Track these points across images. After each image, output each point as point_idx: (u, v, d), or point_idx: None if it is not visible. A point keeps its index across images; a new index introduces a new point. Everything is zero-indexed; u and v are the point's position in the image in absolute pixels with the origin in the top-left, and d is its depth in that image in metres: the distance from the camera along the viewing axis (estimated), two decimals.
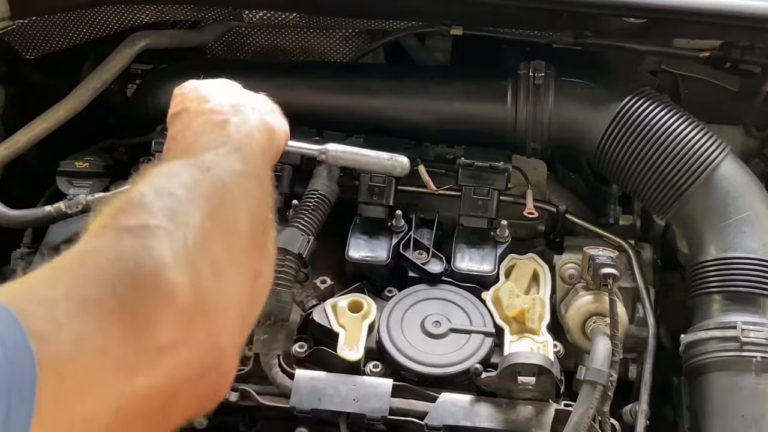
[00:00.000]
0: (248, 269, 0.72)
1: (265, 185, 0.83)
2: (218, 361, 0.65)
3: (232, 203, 0.74)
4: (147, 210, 0.67)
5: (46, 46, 1.53)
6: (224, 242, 0.70)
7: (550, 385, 1.16)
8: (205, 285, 0.64)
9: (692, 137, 1.34)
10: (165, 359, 0.59)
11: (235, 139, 0.85)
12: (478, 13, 1.48)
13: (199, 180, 0.73)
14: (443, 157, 1.48)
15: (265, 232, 0.79)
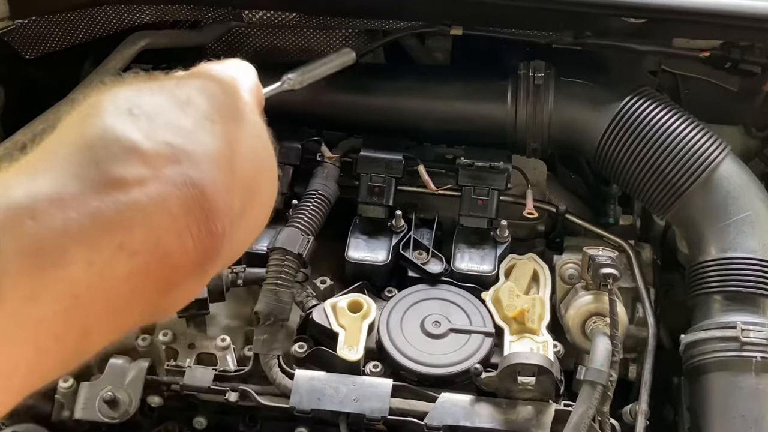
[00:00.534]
0: (222, 136, 0.61)
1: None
2: (200, 197, 0.55)
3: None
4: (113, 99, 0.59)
5: (46, 45, 1.53)
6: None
7: (550, 385, 1.16)
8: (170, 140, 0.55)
9: (692, 137, 1.34)
10: (134, 196, 0.52)
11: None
12: (478, 13, 1.48)
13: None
14: (443, 157, 1.48)
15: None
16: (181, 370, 1.22)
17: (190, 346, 1.27)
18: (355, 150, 1.44)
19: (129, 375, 1.19)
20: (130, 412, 1.17)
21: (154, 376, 1.21)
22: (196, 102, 0.62)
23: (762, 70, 1.48)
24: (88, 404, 1.17)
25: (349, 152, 1.45)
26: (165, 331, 1.27)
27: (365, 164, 1.41)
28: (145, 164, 0.53)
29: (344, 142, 1.47)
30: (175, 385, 1.21)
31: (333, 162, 1.41)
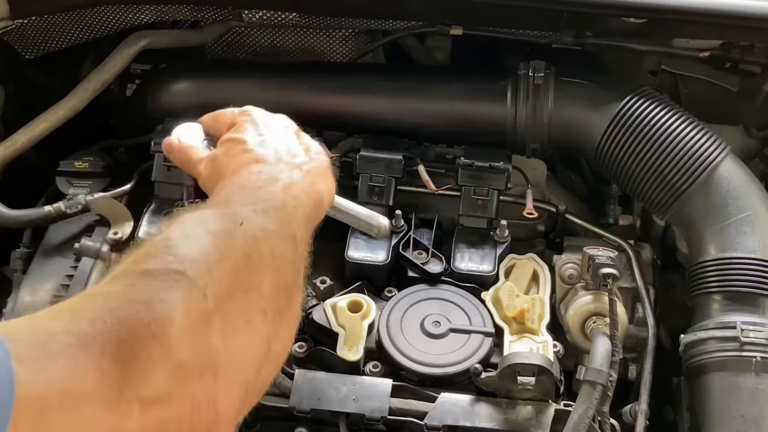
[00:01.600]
0: (263, 333, 0.68)
1: (300, 249, 0.79)
2: (212, 424, 0.62)
3: (259, 262, 0.71)
4: (171, 253, 0.65)
5: (46, 46, 1.53)
6: (243, 301, 0.67)
7: (549, 385, 1.16)
8: (212, 342, 0.62)
9: (692, 137, 1.34)
10: (155, 411, 0.57)
11: (278, 198, 0.81)
12: (478, 13, 1.48)
13: (230, 231, 0.70)
14: (443, 157, 1.48)
15: (290, 297, 0.75)
16: None
17: None
18: (355, 150, 1.44)
19: None
20: None
21: None
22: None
23: (762, 70, 1.48)
24: None
25: (349, 152, 1.45)
26: None
27: (365, 164, 1.41)
28: (174, 379, 0.59)
29: (344, 142, 1.47)
30: None
31: (333, 162, 1.41)
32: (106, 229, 1.37)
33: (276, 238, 0.74)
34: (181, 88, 1.56)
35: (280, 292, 0.72)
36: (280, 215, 0.78)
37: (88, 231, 1.38)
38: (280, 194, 0.82)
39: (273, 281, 0.71)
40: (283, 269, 0.74)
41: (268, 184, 0.83)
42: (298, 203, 0.83)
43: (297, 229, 0.79)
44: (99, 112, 1.58)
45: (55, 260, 1.34)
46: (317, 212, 0.90)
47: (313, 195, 0.88)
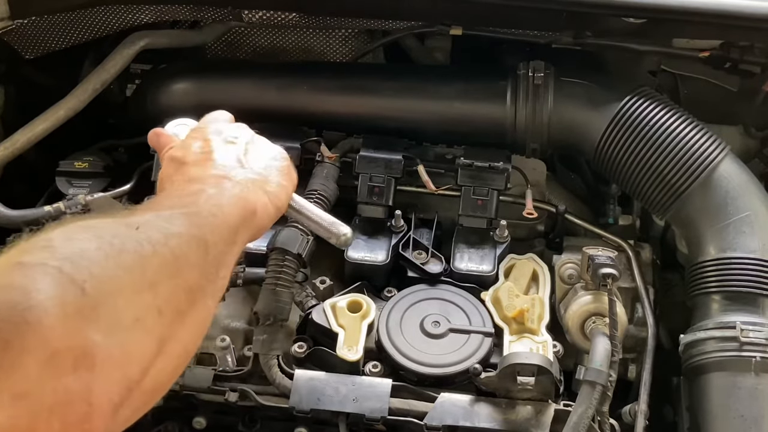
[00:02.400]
0: (155, 333, 0.67)
1: (211, 255, 0.78)
2: (85, 417, 0.60)
3: (154, 261, 0.70)
4: (50, 251, 0.63)
5: (46, 46, 1.53)
6: (133, 299, 0.66)
7: (549, 385, 1.16)
8: (90, 336, 0.60)
9: (691, 137, 1.34)
10: (25, 402, 0.57)
11: (195, 206, 0.82)
12: (478, 13, 1.48)
13: (120, 234, 0.69)
14: (443, 157, 1.48)
15: (193, 299, 0.73)
16: None
17: None
18: (355, 150, 1.44)
19: None
20: None
21: None
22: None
23: (762, 70, 1.48)
24: None
25: (348, 152, 1.45)
26: None
27: (365, 164, 1.41)
28: (46, 371, 0.58)
29: (344, 142, 1.47)
30: (174, 385, 1.21)
31: (333, 162, 1.41)
32: None
33: (179, 240, 0.74)
34: (181, 88, 1.56)
35: (180, 294, 0.71)
36: (191, 219, 0.78)
37: None
38: (200, 203, 0.83)
39: (172, 282, 0.70)
40: (186, 271, 0.73)
41: (191, 195, 0.85)
42: (218, 211, 0.83)
43: (210, 234, 0.79)
44: (99, 112, 1.58)
45: None
46: (249, 223, 0.89)
47: (241, 204, 0.88)
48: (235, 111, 1.50)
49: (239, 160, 0.96)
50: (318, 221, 1.07)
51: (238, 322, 1.31)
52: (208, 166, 0.93)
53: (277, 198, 0.97)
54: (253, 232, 0.91)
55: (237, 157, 0.96)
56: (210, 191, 0.86)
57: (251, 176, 0.94)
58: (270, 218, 0.95)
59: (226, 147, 0.98)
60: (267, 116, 1.49)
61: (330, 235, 1.07)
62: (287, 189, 1.00)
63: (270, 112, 1.50)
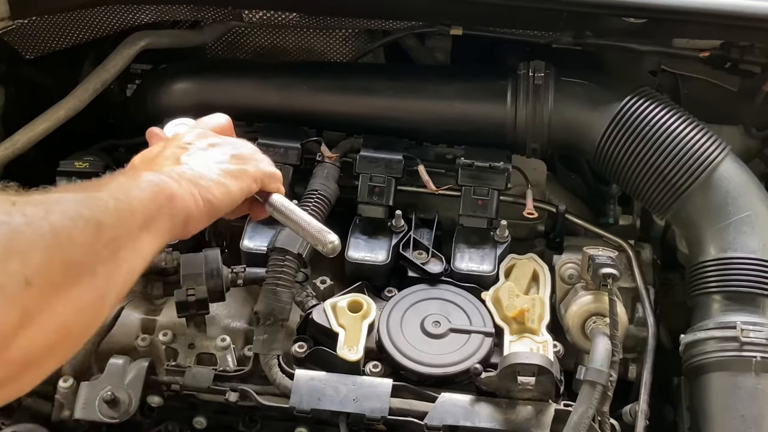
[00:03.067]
0: (19, 302, 0.67)
1: (109, 237, 0.77)
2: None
3: (28, 231, 0.69)
4: None
5: (46, 46, 1.53)
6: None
7: (549, 385, 1.16)
8: None
9: (692, 137, 1.34)
10: None
11: (96, 191, 0.81)
12: (478, 13, 1.48)
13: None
14: (443, 157, 1.48)
15: (71, 275, 0.73)
16: (181, 370, 1.22)
17: (190, 346, 1.27)
18: (355, 150, 1.44)
19: (129, 375, 1.19)
20: (130, 412, 1.17)
21: (154, 376, 1.21)
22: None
23: (762, 70, 1.48)
24: (88, 404, 1.17)
25: (349, 152, 1.45)
26: (165, 331, 1.27)
27: (365, 164, 1.41)
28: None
29: (344, 142, 1.47)
30: (175, 385, 1.21)
31: (333, 162, 1.41)
32: None
33: (61, 216, 0.73)
34: (181, 88, 1.56)
35: (56, 267, 0.71)
36: (82, 202, 0.77)
37: None
38: (104, 189, 0.82)
39: (45, 253, 0.70)
40: (65, 246, 0.72)
41: (102, 183, 0.85)
42: (122, 195, 0.82)
43: (105, 216, 0.78)
44: (99, 112, 1.58)
45: None
46: (166, 209, 0.88)
47: (153, 190, 0.87)
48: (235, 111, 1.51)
49: (177, 158, 0.98)
50: (306, 227, 1.06)
51: (239, 322, 1.31)
52: (145, 167, 0.95)
53: (209, 192, 0.96)
54: (177, 222, 0.90)
55: (177, 156, 0.98)
56: (122, 180, 0.86)
57: (180, 170, 0.94)
58: (200, 210, 0.94)
59: (174, 150, 1.00)
60: (267, 116, 1.50)
61: (317, 243, 1.06)
62: (228, 187, 0.99)
63: (270, 112, 1.50)
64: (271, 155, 1.41)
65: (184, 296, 1.22)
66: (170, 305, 1.30)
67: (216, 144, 1.05)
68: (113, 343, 1.28)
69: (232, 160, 1.03)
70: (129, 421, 1.18)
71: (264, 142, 1.42)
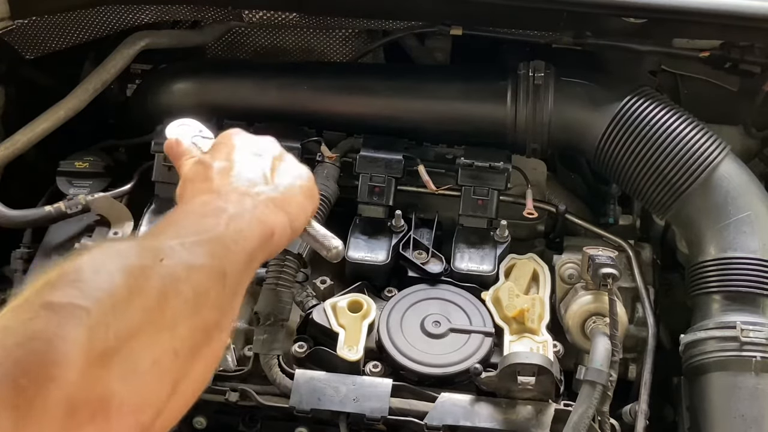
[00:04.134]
0: (170, 375, 0.67)
1: (228, 287, 0.76)
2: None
3: (176, 300, 0.69)
4: (77, 287, 0.62)
5: (46, 46, 1.53)
6: (152, 341, 0.65)
7: (549, 385, 1.16)
8: (109, 384, 0.60)
9: (692, 137, 1.34)
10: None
11: (217, 230, 0.80)
12: (478, 13, 1.48)
13: (146, 267, 0.68)
14: (443, 157, 1.48)
15: (209, 337, 0.72)
16: None
17: None
18: (355, 150, 1.44)
19: None
20: None
21: None
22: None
23: (762, 70, 1.48)
24: None
25: (349, 152, 1.45)
26: None
27: (365, 164, 1.41)
28: (64, 421, 0.59)
29: (344, 142, 1.47)
30: None
31: (333, 162, 1.41)
32: (106, 229, 1.38)
33: (201, 275, 0.72)
34: (181, 88, 1.56)
35: (197, 333, 0.70)
36: (213, 249, 0.76)
37: (89, 231, 1.39)
38: (222, 227, 0.80)
39: (190, 321, 0.69)
40: (204, 309, 0.72)
41: (213, 215, 0.82)
42: (239, 237, 0.81)
43: (229, 264, 0.77)
44: (99, 112, 1.58)
45: (55, 260, 1.34)
46: (266, 246, 0.87)
47: (260, 228, 0.85)
48: (235, 111, 1.52)
49: (264, 176, 0.94)
50: (311, 232, 1.05)
51: (239, 322, 1.31)
52: (232, 178, 0.91)
53: (297, 219, 0.95)
54: (269, 254, 0.90)
55: (262, 171, 0.94)
56: (231, 211, 0.84)
57: (273, 194, 0.92)
58: (287, 239, 0.93)
59: (251, 159, 0.96)
60: (267, 116, 1.50)
61: (321, 248, 1.05)
62: (307, 210, 0.98)
63: (270, 112, 1.50)
64: None
65: None
66: None
67: (293, 163, 1.01)
68: None
69: (304, 175, 1.00)
70: None
71: None
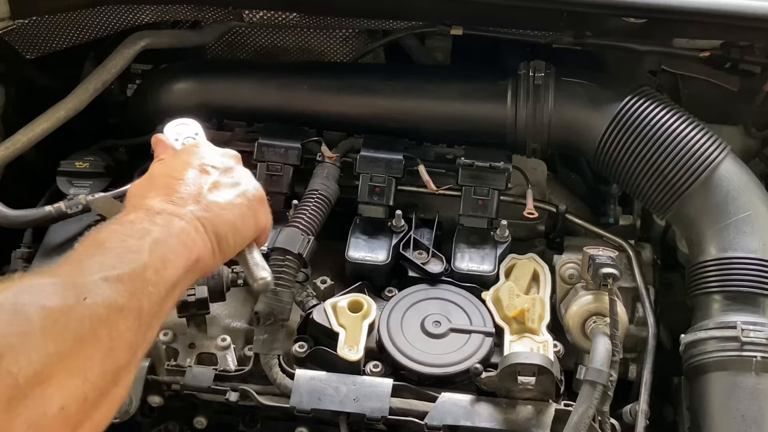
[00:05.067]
0: (74, 420, 0.65)
1: (143, 323, 0.75)
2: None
3: (92, 345, 0.68)
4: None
5: (46, 46, 1.53)
6: (63, 387, 0.65)
7: (550, 385, 1.16)
8: (15, 429, 0.60)
9: (692, 137, 1.34)
10: None
11: (140, 260, 0.78)
12: (478, 13, 1.48)
13: (67, 308, 0.68)
14: (443, 157, 1.48)
15: (117, 380, 0.71)
16: (181, 369, 1.22)
17: (191, 345, 1.27)
18: (355, 150, 1.44)
19: None
20: (131, 412, 1.17)
21: (155, 375, 1.21)
22: None
23: (762, 70, 1.48)
24: None
25: (349, 152, 1.45)
26: (165, 330, 1.27)
27: (365, 164, 1.41)
28: None
29: (344, 142, 1.47)
30: (175, 385, 1.21)
31: (333, 162, 1.41)
32: None
33: (119, 315, 0.72)
34: (181, 88, 1.56)
35: (108, 376, 0.69)
36: (134, 285, 0.75)
37: (89, 231, 1.38)
38: (145, 254, 0.79)
39: (103, 365, 0.68)
40: (119, 352, 0.71)
41: (138, 238, 0.81)
42: (162, 265, 0.80)
43: (148, 299, 0.76)
44: (99, 112, 1.58)
45: (55, 260, 1.34)
46: (191, 272, 0.86)
47: (185, 255, 0.84)
48: (235, 111, 1.52)
49: (199, 194, 0.92)
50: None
51: (239, 322, 1.31)
52: (169, 194, 0.90)
53: (225, 242, 0.92)
54: (195, 278, 0.88)
55: (198, 189, 0.93)
56: (156, 235, 0.82)
57: (203, 214, 0.90)
58: (215, 263, 0.91)
59: (195, 176, 0.95)
60: (267, 116, 1.50)
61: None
62: (242, 233, 0.96)
63: (270, 112, 1.50)
64: (271, 155, 1.43)
65: (185, 296, 1.22)
66: None
67: (239, 181, 1.00)
68: None
69: (252, 204, 0.99)
70: (129, 421, 1.17)
71: (264, 142, 1.42)
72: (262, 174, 1.41)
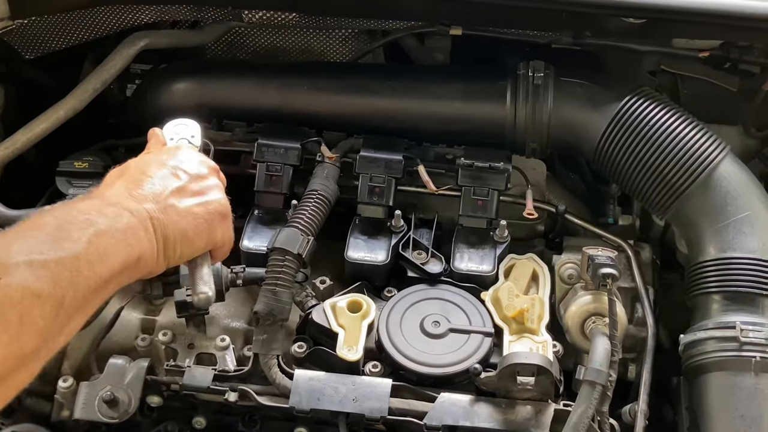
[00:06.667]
0: None
1: (67, 314, 0.74)
2: None
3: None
4: None
5: (46, 46, 1.53)
6: None
7: (549, 385, 1.16)
8: None
9: (691, 137, 1.34)
10: None
11: (74, 250, 0.77)
12: (478, 13, 1.48)
13: None
14: (443, 157, 1.48)
15: (21, 366, 0.70)
16: (180, 370, 1.22)
17: (190, 346, 1.27)
18: (355, 150, 1.44)
19: (128, 375, 1.19)
20: (130, 412, 1.17)
21: (154, 376, 1.21)
22: None
23: (761, 70, 1.48)
24: (87, 404, 1.17)
25: (349, 152, 1.45)
26: (165, 331, 1.27)
27: (365, 164, 1.41)
28: None
29: (344, 142, 1.47)
30: (174, 385, 1.21)
31: (333, 162, 1.41)
32: None
33: (34, 301, 0.70)
34: (181, 88, 1.56)
35: (11, 360, 0.68)
36: (59, 274, 0.74)
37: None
38: (82, 245, 0.78)
39: (7, 348, 0.67)
40: (26, 337, 0.69)
41: (80, 228, 0.80)
42: (97, 259, 0.78)
43: (73, 291, 0.74)
44: (99, 112, 1.58)
45: None
46: (130, 270, 0.85)
47: (125, 252, 0.83)
48: (235, 111, 1.52)
49: (162, 194, 0.92)
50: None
51: (238, 322, 1.31)
52: (132, 189, 0.90)
53: (173, 249, 0.91)
54: (135, 277, 0.87)
55: (164, 190, 0.93)
56: (100, 226, 0.81)
57: (159, 216, 0.89)
58: (158, 268, 0.91)
59: (165, 176, 0.95)
60: (267, 116, 1.50)
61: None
62: (194, 243, 0.95)
63: (270, 112, 1.50)
64: (270, 155, 1.43)
65: (184, 296, 1.22)
66: (170, 305, 1.30)
67: (205, 191, 0.99)
68: (113, 343, 1.28)
69: (210, 217, 0.98)
70: (128, 421, 1.18)
71: (264, 143, 1.42)
72: (261, 174, 1.41)
